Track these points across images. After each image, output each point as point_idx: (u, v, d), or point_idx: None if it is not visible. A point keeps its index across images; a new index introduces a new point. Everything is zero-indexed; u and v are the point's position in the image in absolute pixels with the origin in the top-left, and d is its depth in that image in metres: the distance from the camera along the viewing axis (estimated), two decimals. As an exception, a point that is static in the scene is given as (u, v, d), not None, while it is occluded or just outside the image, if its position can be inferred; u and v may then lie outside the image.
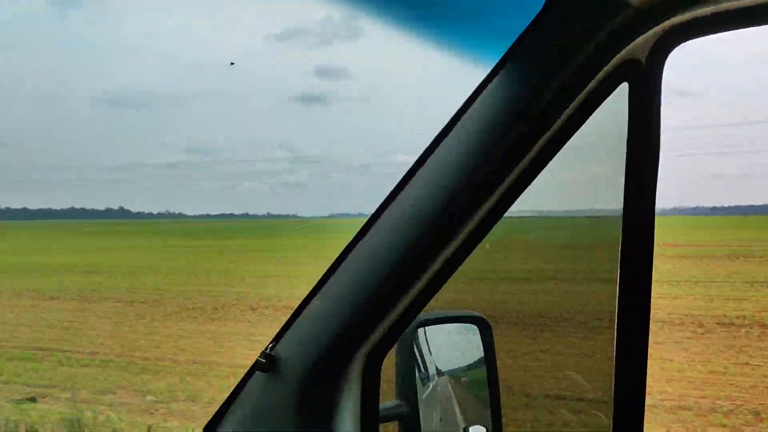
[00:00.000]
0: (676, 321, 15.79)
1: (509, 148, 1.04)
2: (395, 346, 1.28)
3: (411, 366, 1.37)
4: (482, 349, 1.40)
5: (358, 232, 1.16)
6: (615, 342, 1.09)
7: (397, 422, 1.36)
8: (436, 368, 1.48)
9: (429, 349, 1.44)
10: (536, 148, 1.05)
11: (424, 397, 1.40)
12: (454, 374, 1.51)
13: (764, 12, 0.99)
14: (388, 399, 1.35)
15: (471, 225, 1.08)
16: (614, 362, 1.09)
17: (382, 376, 1.23)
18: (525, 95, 1.04)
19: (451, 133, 1.08)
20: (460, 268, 1.13)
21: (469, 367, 1.49)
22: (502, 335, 1.41)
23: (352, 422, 1.16)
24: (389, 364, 1.26)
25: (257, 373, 1.21)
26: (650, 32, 1.02)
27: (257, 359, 1.21)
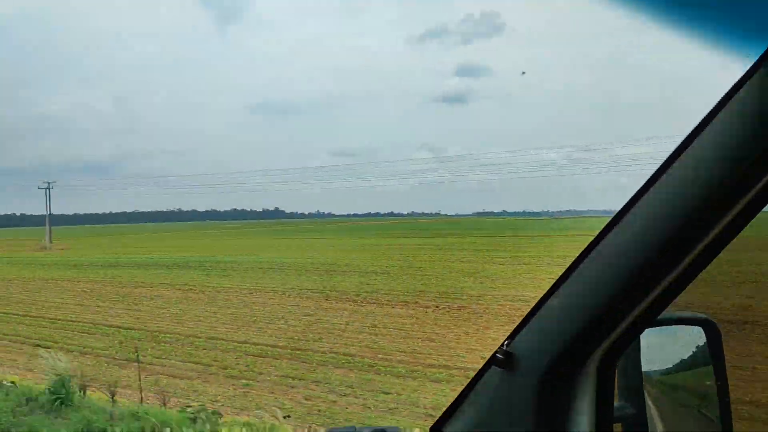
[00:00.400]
0: None
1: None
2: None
3: (637, 368, 1.33)
4: (708, 353, 1.34)
5: (598, 234, 1.13)
6: None
7: (620, 424, 1.32)
8: (661, 372, 1.43)
9: (654, 351, 1.38)
10: None
11: (648, 401, 1.35)
12: (681, 378, 1.45)
13: None
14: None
15: (718, 228, 1.01)
16: None
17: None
18: None
19: (710, 125, 1.01)
20: (708, 271, 1.06)
21: (697, 371, 1.42)
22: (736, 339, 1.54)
23: (587, 421, 1.14)
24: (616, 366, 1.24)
25: (493, 368, 1.22)
26: None
27: (494, 355, 1.21)
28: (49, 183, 73.63)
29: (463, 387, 1.31)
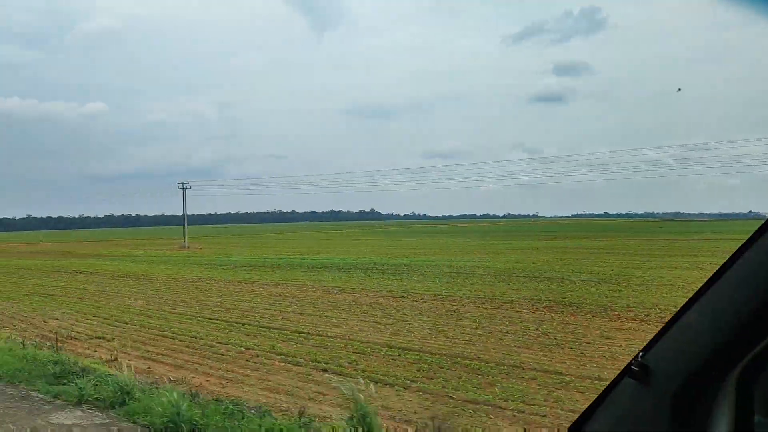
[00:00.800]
0: None
1: None
2: None
3: None
4: None
5: (740, 247, 1.07)
6: None
7: None
8: None
9: None
10: None
11: None
12: None
13: None
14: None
15: None
16: None
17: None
18: None
19: None
20: None
21: None
22: None
23: None
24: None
25: (627, 379, 1.22)
26: None
27: (629, 366, 1.21)
28: (183, 183, 74.23)
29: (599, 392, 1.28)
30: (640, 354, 1.21)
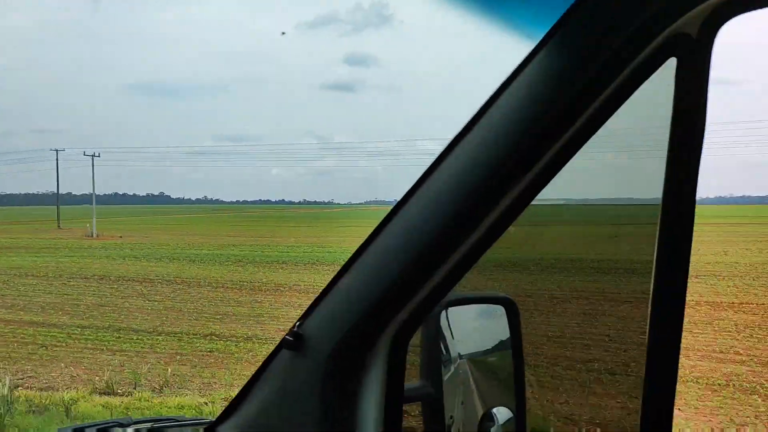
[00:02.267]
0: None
1: (550, 126, 0.98)
2: (422, 327, 1.26)
3: (436, 347, 1.34)
4: (508, 330, 1.37)
5: (387, 214, 1.13)
6: (648, 327, 1.06)
7: (420, 403, 1.33)
8: (461, 350, 1.44)
9: (454, 330, 1.41)
10: (577, 125, 0.99)
11: (447, 379, 1.37)
12: (479, 356, 1.48)
13: None
14: (412, 379, 1.32)
15: (500, 209, 1.04)
16: (647, 345, 1.06)
17: (407, 356, 1.22)
18: (570, 72, 0.98)
19: (487, 112, 1.04)
20: (489, 254, 1.09)
21: (495, 348, 1.46)
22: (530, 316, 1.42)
23: (376, 402, 1.15)
24: (414, 345, 1.24)
25: (283, 351, 1.20)
26: (702, 6, 0.95)
27: (284, 337, 1.18)
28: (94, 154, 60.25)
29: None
30: (297, 323, 1.20)
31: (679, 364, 1.07)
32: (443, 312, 1.36)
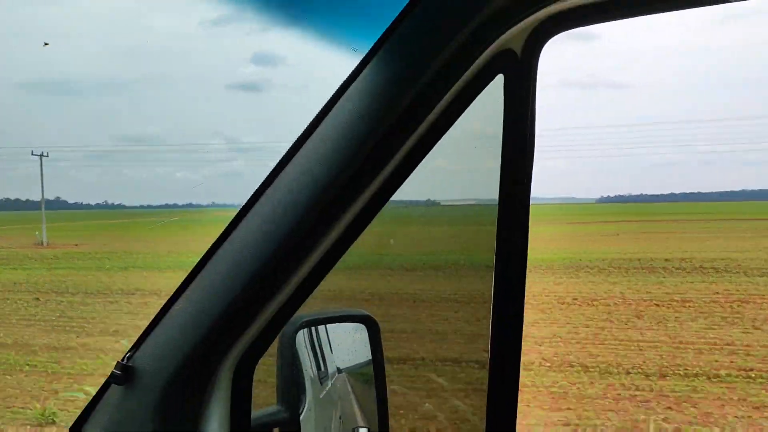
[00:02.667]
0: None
1: (383, 139, 0.99)
2: (277, 348, 1.22)
3: (293, 369, 1.30)
4: (369, 349, 1.37)
5: (223, 231, 1.08)
6: (491, 323, 1.09)
7: (277, 429, 1.27)
8: (323, 370, 1.43)
9: (315, 350, 1.40)
10: (412, 139, 1.01)
11: (309, 401, 1.35)
12: (342, 375, 1.47)
13: (640, 3, 0.99)
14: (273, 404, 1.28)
15: (346, 220, 1.03)
16: (490, 340, 1.09)
17: (268, 381, 1.20)
18: (397, 86, 0.99)
19: (322, 124, 1.03)
20: (341, 264, 1.08)
21: (358, 367, 1.45)
22: (386, 329, 1.42)
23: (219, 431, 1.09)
24: (271, 368, 1.23)
25: (112, 386, 1.10)
26: (525, 22, 1.00)
27: (112, 371, 1.09)
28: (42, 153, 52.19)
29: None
30: (126, 356, 1.10)
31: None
32: (302, 332, 1.32)
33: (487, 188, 1.11)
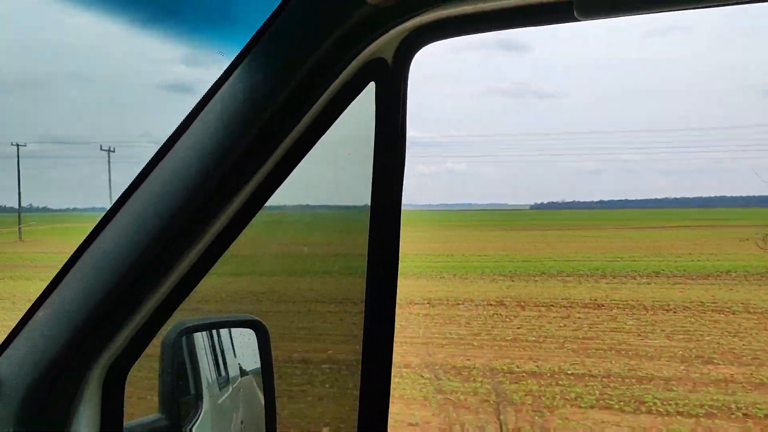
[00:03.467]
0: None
1: (253, 144, 0.99)
2: (159, 355, 1.20)
3: (175, 376, 1.28)
4: (258, 354, 1.36)
5: (90, 233, 1.04)
6: (363, 325, 1.11)
7: None
8: (223, 375, 1.43)
9: (216, 355, 1.39)
10: (285, 144, 1.01)
11: (206, 407, 1.34)
12: (245, 379, 1.46)
13: (504, 16, 1.02)
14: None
15: (219, 224, 1.02)
16: (362, 341, 1.11)
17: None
18: (267, 91, 0.99)
19: (192, 126, 1.01)
20: (220, 268, 1.07)
21: (246, 371, 1.45)
22: (274, 332, 1.42)
23: None
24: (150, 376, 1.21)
25: None
26: (394, 31, 1.02)
27: None
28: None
29: None
30: None
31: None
32: (188, 338, 1.30)
33: (360, 193, 1.13)
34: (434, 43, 1.07)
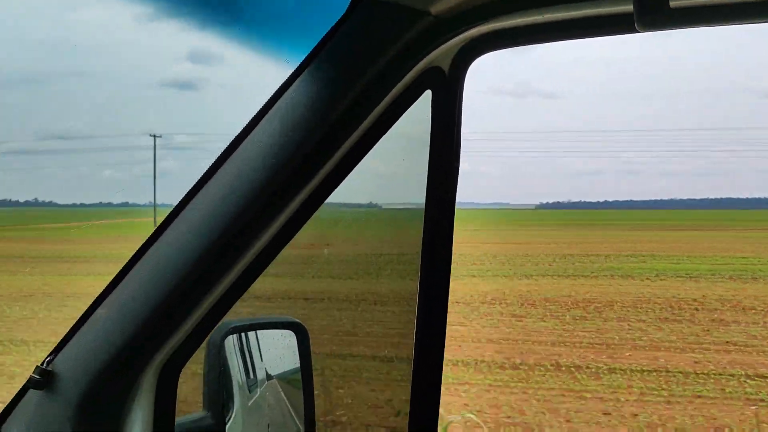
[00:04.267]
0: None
1: (315, 149, 1.01)
2: (204, 355, 1.21)
3: (221, 375, 1.29)
4: (298, 355, 1.38)
5: (151, 234, 1.07)
6: (416, 325, 1.13)
7: None
8: (252, 377, 1.44)
9: (245, 357, 1.40)
10: (343, 148, 1.03)
11: (236, 408, 1.36)
12: (272, 383, 1.47)
13: (562, 27, 1.03)
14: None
15: (275, 227, 1.04)
16: (414, 339, 1.13)
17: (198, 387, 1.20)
18: (327, 99, 1.01)
19: (255, 131, 1.03)
20: (272, 269, 1.08)
21: (288, 374, 1.46)
22: (318, 336, 1.46)
23: None
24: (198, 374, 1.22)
25: (30, 392, 1.07)
26: (452, 42, 1.04)
27: (31, 376, 1.06)
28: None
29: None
30: (46, 360, 1.08)
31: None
32: (231, 338, 1.32)
33: (416, 193, 1.15)
34: (490, 53, 1.08)
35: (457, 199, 1.17)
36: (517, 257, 30.45)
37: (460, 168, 1.15)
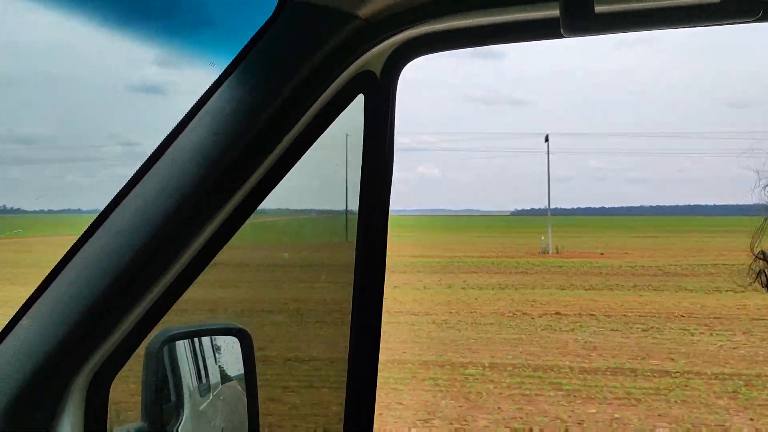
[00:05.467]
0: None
1: (244, 153, 0.99)
2: (143, 363, 1.19)
3: (159, 384, 1.27)
4: (242, 361, 1.36)
5: (76, 241, 1.03)
6: (350, 330, 1.14)
7: None
8: (204, 382, 1.42)
9: (197, 362, 1.39)
10: (275, 153, 1.02)
11: (187, 414, 1.34)
12: (226, 386, 1.46)
13: (491, 31, 1.05)
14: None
15: (207, 232, 1.02)
16: (349, 345, 1.14)
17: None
18: (255, 102, 1.00)
19: (182, 135, 1.01)
20: (207, 275, 1.07)
21: (240, 377, 1.43)
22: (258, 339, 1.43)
23: None
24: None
25: None
26: (382, 45, 1.04)
27: None
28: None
29: None
30: None
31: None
32: (171, 346, 1.30)
33: (351, 199, 1.16)
34: (422, 57, 1.08)
35: (427, 206, 1.16)
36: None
37: (432, 174, 1.15)
